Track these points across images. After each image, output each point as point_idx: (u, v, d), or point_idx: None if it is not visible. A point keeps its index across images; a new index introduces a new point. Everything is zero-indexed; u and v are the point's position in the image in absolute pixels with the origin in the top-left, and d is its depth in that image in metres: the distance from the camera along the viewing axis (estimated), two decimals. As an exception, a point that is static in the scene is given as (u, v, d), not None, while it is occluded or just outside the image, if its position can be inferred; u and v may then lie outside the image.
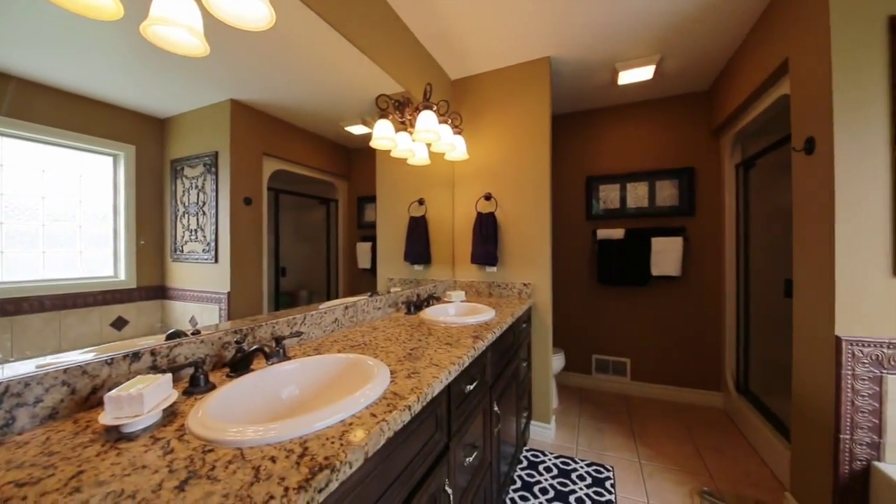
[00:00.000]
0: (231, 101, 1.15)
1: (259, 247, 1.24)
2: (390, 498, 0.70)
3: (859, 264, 1.30)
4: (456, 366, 0.97)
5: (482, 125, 2.49)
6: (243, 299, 1.12)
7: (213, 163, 1.10)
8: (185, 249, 1.01)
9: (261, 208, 1.26)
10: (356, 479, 0.60)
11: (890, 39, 1.28)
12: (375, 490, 0.65)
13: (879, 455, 1.28)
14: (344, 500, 0.57)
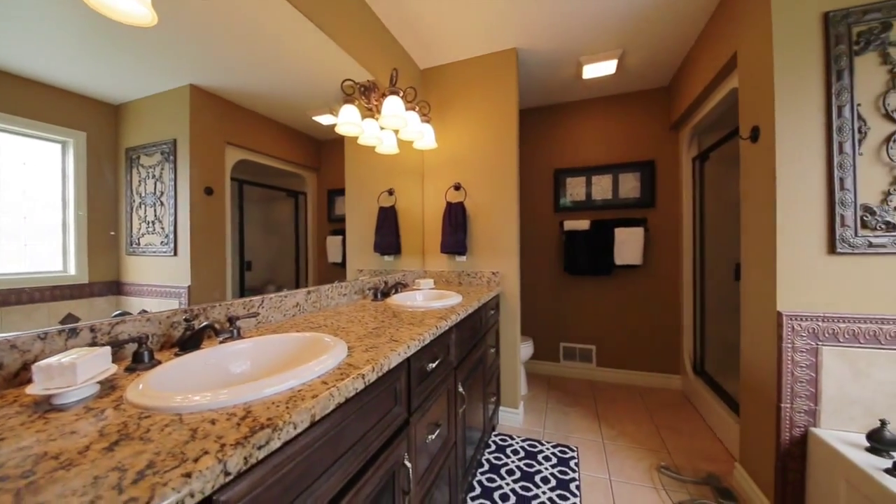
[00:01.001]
0: (191, 86, 1.10)
1: (222, 239, 1.19)
2: (344, 465, 0.69)
3: (798, 244, 1.40)
4: (416, 341, 0.97)
5: (451, 115, 2.49)
6: (205, 294, 1.07)
7: (172, 151, 1.05)
8: (141, 242, 0.97)
9: (223, 199, 1.21)
10: (305, 444, 0.58)
11: (824, 34, 1.38)
12: (327, 456, 0.64)
13: (815, 421, 1.38)
14: (291, 462, 0.55)
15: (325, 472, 0.64)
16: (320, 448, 0.62)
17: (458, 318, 1.36)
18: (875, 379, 1.32)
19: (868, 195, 1.33)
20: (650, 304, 2.98)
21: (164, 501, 0.37)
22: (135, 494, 0.36)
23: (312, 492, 0.60)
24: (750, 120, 1.63)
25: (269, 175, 1.47)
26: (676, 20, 2.10)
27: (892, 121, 1.31)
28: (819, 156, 1.38)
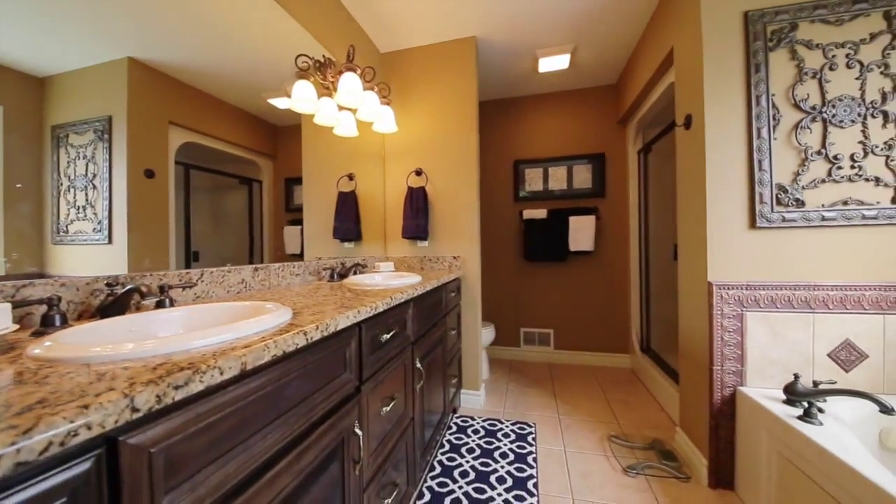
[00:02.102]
0: (129, 59, 1.02)
1: (165, 227, 1.11)
2: (286, 425, 0.66)
3: (725, 220, 1.54)
4: (368, 308, 0.96)
5: (412, 100, 2.49)
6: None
7: (106, 129, 0.97)
8: (70, 230, 0.88)
9: (166, 184, 1.13)
10: (237, 395, 0.56)
11: (744, 31, 1.52)
12: (265, 413, 0.62)
13: (742, 381, 1.52)
14: (219, 413, 0.53)
15: (263, 430, 0.61)
16: (256, 403, 0.60)
17: (415, 292, 1.35)
18: (790, 340, 1.47)
19: (782, 175, 1.48)
20: (601, 287, 3.14)
21: (52, 431, 0.33)
22: (16, 423, 0.32)
23: (247, 447, 0.58)
24: (684, 109, 1.76)
25: (220, 161, 1.39)
26: (622, 18, 2.23)
27: (799, 110, 1.47)
28: (741, 140, 1.52)
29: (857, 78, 1.42)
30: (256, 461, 0.59)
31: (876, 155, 1.41)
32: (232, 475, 0.54)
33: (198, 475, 0.49)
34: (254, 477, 0.60)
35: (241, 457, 0.56)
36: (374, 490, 1.05)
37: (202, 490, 0.49)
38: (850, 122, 1.42)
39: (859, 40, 1.42)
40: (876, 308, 1.41)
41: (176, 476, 0.46)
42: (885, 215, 1.40)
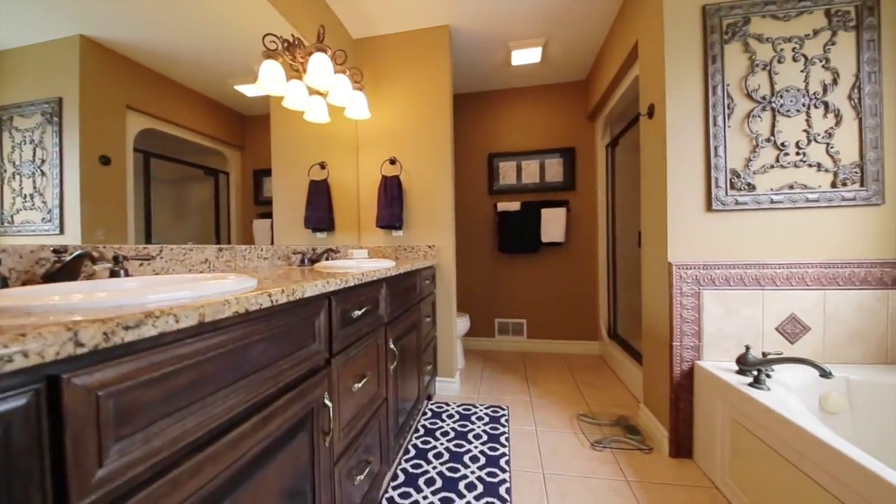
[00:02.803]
0: (81, 37, 0.96)
1: (122, 217, 1.05)
2: (251, 388, 0.65)
3: (684, 203, 1.62)
4: (337, 280, 0.95)
5: (386, 88, 2.46)
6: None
7: (56, 112, 0.91)
8: (15, 220, 0.83)
9: (123, 172, 1.07)
10: (195, 349, 0.54)
11: (702, 24, 1.61)
12: (228, 373, 0.60)
13: (699, 355, 1.61)
14: (176, 365, 0.51)
15: (225, 389, 0.59)
16: (217, 361, 0.58)
17: (388, 272, 1.35)
18: (742, 315, 1.57)
19: (735, 161, 1.57)
20: (572, 277, 3.24)
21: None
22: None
23: (208, 405, 0.56)
24: (648, 99, 1.84)
25: (184, 151, 1.33)
26: (591, 13, 2.30)
27: (751, 99, 1.57)
28: (699, 128, 1.61)
29: (801, 71, 1.53)
30: (218, 420, 0.58)
31: (818, 143, 1.52)
32: (190, 431, 0.53)
33: (152, 427, 0.47)
34: (215, 436, 0.58)
35: (201, 414, 0.54)
36: (346, 465, 1.04)
37: (157, 443, 0.48)
38: (796, 111, 1.53)
39: (804, 35, 1.53)
40: (817, 284, 1.53)
41: (127, 425, 0.44)
42: (825, 198, 1.52)
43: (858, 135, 1.50)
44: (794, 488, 1.07)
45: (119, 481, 0.43)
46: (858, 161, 1.50)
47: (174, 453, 0.51)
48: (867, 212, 1.51)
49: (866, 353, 1.51)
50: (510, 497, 1.42)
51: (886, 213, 1.50)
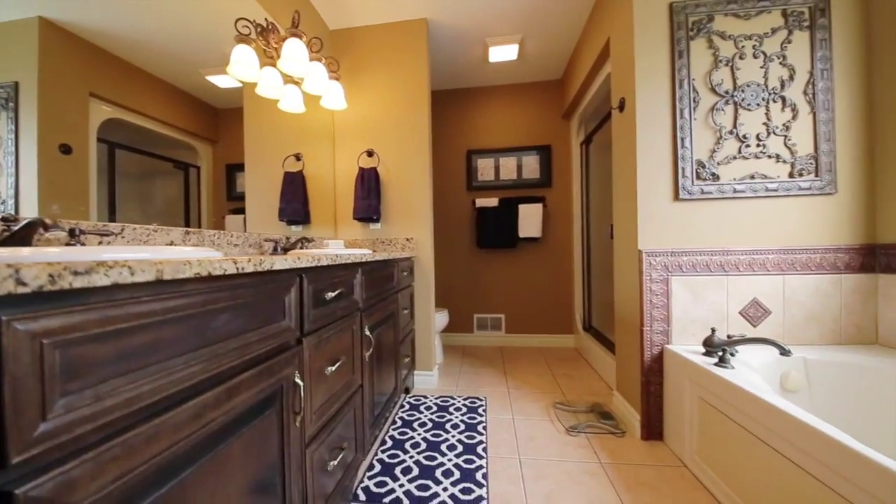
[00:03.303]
0: (40, 18, 0.91)
1: (83, 208, 1.00)
2: (214, 358, 0.63)
3: (653, 192, 1.68)
4: (309, 258, 0.94)
5: (363, 80, 2.45)
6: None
7: (12, 97, 0.86)
8: None
9: (86, 162, 1.02)
10: (153, 309, 0.52)
11: (669, 21, 1.67)
12: (189, 337, 0.58)
13: (668, 339, 1.66)
14: (132, 322, 0.49)
15: (186, 355, 0.57)
16: (177, 324, 0.56)
17: (363, 258, 1.33)
18: (708, 300, 1.64)
19: (700, 152, 1.64)
20: (548, 272, 3.29)
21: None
22: None
23: (167, 369, 0.54)
24: (619, 93, 1.90)
25: (152, 143, 1.28)
26: (565, 11, 2.35)
27: (715, 93, 1.64)
28: (666, 120, 1.67)
29: (761, 67, 1.62)
30: (177, 386, 0.55)
31: (776, 135, 1.61)
32: (147, 395, 0.50)
33: (104, 385, 0.45)
34: (175, 403, 0.56)
35: (159, 378, 0.52)
36: (319, 449, 1.02)
37: (109, 402, 0.45)
38: (756, 105, 1.61)
39: (763, 33, 1.62)
40: (777, 270, 1.61)
41: (76, 379, 0.42)
42: (783, 188, 1.60)
43: (813, 128, 1.59)
44: (756, 459, 1.12)
45: (64, 437, 0.41)
46: (813, 153, 1.60)
47: (128, 415, 0.49)
48: (821, 201, 1.60)
49: (822, 335, 1.60)
50: (486, 482, 1.42)
51: (839, 202, 1.59)
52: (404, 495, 1.36)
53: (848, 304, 1.58)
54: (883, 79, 1.54)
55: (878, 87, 1.56)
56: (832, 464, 0.86)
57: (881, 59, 1.54)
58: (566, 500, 1.31)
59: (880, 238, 1.56)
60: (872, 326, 1.58)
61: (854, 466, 0.81)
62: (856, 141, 1.58)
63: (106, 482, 0.45)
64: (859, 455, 0.80)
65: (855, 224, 1.58)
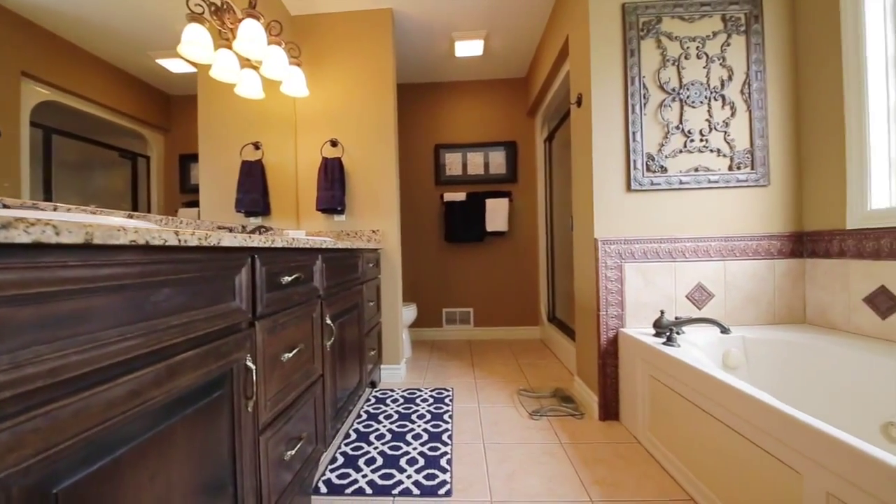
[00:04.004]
0: None
1: (15, 195, 0.91)
2: (152, 332, 0.60)
3: (608, 183, 1.76)
4: (262, 238, 0.91)
5: (326, 68, 2.40)
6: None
7: None
8: None
9: (17, 147, 0.94)
10: (83, 276, 0.49)
11: (622, 20, 1.76)
12: (124, 310, 0.55)
13: (622, 323, 1.75)
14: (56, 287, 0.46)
15: (121, 328, 0.54)
16: (111, 295, 0.53)
17: (324, 244, 1.31)
18: (658, 285, 1.74)
19: (651, 146, 1.74)
20: (514, 265, 3.37)
21: None
22: None
23: (98, 341, 0.51)
24: (577, 89, 1.98)
25: (96, 130, 1.20)
26: (528, 8, 2.42)
27: (663, 91, 1.74)
28: (619, 115, 1.76)
29: (704, 67, 1.74)
30: (110, 360, 0.52)
31: (717, 131, 1.74)
32: (75, 365, 0.48)
33: (23, 351, 0.42)
34: (108, 378, 0.53)
35: (89, 348, 0.49)
36: (274, 437, 1.00)
37: (31, 370, 0.42)
38: (700, 102, 1.73)
39: (705, 36, 1.74)
40: (719, 256, 1.73)
41: (-13, 343, 0.39)
42: (724, 180, 1.73)
43: (749, 125, 1.73)
44: (701, 430, 1.20)
45: (-27, 404, 0.38)
46: (749, 148, 1.73)
47: (53, 386, 0.46)
48: (757, 192, 1.74)
49: (758, 315, 1.74)
50: (451, 467, 1.44)
51: (771, 193, 1.74)
52: (367, 485, 1.35)
53: (780, 286, 1.73)
54: (807, 82, 1.69)
55: (803, 90, 1.72)
56: (767, 428, 0.94)
57: (806, 64, 1.70)
58: (527, 479, 1.35)
59: (806, 226, 1.72)
60: (801, 307, 1.73)
61: (786, 428, 0.89)
62: (785, 138, 1.74)
63: (26, 454, 0.42)
64: (790, 417, 0.87)
65: (785, 213, 1.73)
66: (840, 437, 0.75)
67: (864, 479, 0.69)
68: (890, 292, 1.36)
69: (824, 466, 0.77)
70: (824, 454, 0.77)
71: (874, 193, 1.42)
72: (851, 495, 0.72)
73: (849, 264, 1.50)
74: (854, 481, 0.71)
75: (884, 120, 1.41)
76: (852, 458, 0.72)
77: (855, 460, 0.71)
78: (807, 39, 1.69)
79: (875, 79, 1.42)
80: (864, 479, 0.69)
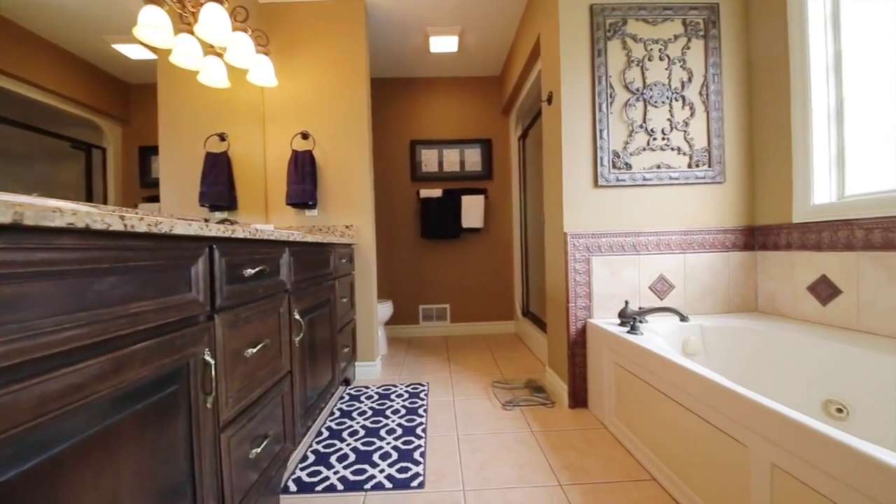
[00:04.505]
0: None
1: None
2: (96, 322, 0.56)
3: (577, 179, 1.81)
4: (222, 228, 0.88)
5: (297, 59, 2.34)
6: None
7: None
8: None
9: None
10: (12, 260, 0.46)
11: (590, 21, 1.81)
12: (62, 298, 0.52)
13: (590, 314, 1.80)
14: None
15: (60, 317, 0.51)
16: (47, 280, 0.50)
17: (291, 236, 1.28)
18: (623, 277, 1.80)
19: (616, 143, 1.80)
20: (490, 261, 3.41)
21: None
22: None
23: (30, 329, 0.47)
24: (548, 87, 2.02)
25: (47, 120, 1.11)
26: (501, 5, 2.44)
27: (628, 90, 1.81)
28: (587, 113, 1.81)
29: (666, 69, 1.81)
30: (45, 350, 0.49)
31: (678, 130, 1.82)
32: (3, 356, 0.44)
33: (-63, 340, 0.39)
34: (45, 370, 0.50)
35: (21, 337, 0.46)
36: (238, 434, 0.96)
37: (-54, 360, 0.39)
38: (662, 102, 1.81)
39: (667, 39, 1.81)
40: (679, 249, 1.82)
41: None
42: (683, 177, 1.81)
43: (706, 125, 1.82)
44: (662, 413, 1.25)
45: None
46: (707, 146, 1.82)
47: (-24, 377, 0.42)
48: (713, 188, 1.83)
49: (715, 305, 1.83)
50: (424, 459, 1.44)
51: (727, 190, 1.84)
52: (339, 481, 1.33)
53: (734, 277, 1.83)
54: (759, 85, 1.80)
55: (756, 92, 1.82)
56: (719, 406, 0.99)
57: (758, 68, 1.80)
58: (499, 467, 1.37)
59: (758, 221, 1.83)
60: (753, 296, 1.84)
61: (734, 405, 0.94)
62: (739, 137, 1.84)
63: (-57, 452, 0.39)
64: (737, 395, 0.93)
65: (739, 209, 1.84)
66: (782, 411, 0.80)
67: (804, 449, 0.74)
68: (830, 281, 1.47)
69: (768, 439, 0.83)
70: (768, 428, 0.82)
71: (817, 189, 1.53)
72: (792, 465, 0.77)
73: (794, 256, 1.61)
74: (795, 452, 0.76)
75: (825, 121, 1.52)
76: (793, 431, 0.77)
77: (796, 433, 0.76)
78: (759, 46, 1.79)
79: (817, 83, 1.53)
80: (803, 449, 0.75)
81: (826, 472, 0.70)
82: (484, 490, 1.25)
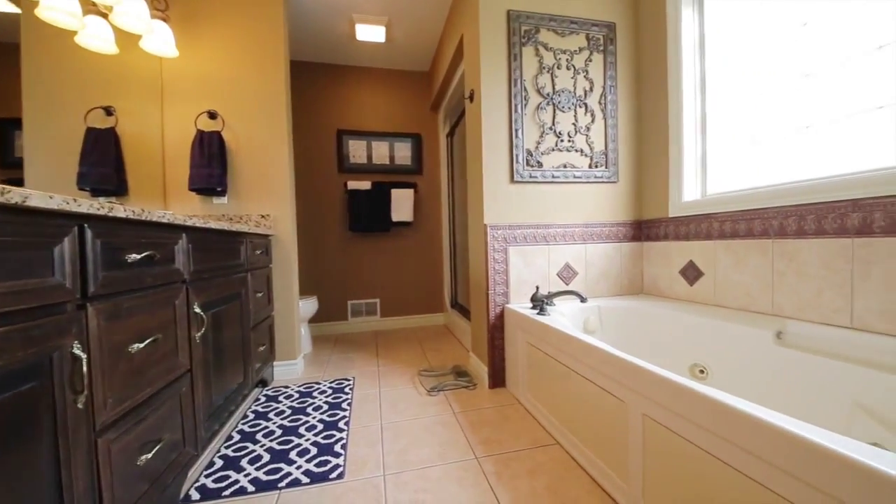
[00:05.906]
0: None
1: None
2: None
3: (495, 174, 1.92)
4: (96, 205, 0.77)
5: (204, 29, 2.11)
6: None
7: None
8: None
9: None
10: None
11: (508, 26, 1.92)
12: None
13: (508, 300, 1.93)
14: None
15: None
16: None
17: (187, 221, 1.16)
18: (535, 265, 1.96)
19: (529, 143, 1.95)
20: (420, 255, 3.45)
21: None
22: None
23: None
24: (470, 85, 2.10)
25: None
26: (427, 2, 2.47)
27: (540, 95, 1.96)
28: (505, 113, 1.92)
29: (572, 77, 2.00)
30: None
31: (581, 134, 2.02)
32: None
33: None
34: None
35: None
36: (121, 439, 0.86)
37: None
38: (568, 108, 1.99)
39: (573, 50, 2.00)
40: (581, 240, 2.03)
41: None
42: (585, 176, 2.02)
43: (604, 130, 2.05)
44: (563, 383, 1.39)
45: None
46: (604, 150, 2.06)
47: None
48: (609, 187, 2.08)
49: (610, 288, 2.08)
50: (345, 451, 1.42)
51: (619, 189, 2.10)
52: (250, 483, 1.26)
53: (625, 265, 2.10)
54: (646, 96, 2.08)
55: (643, 103, 2.10)
56: (604, 370, 1.13)
57: (644, 82, 2.08)
58: (420, 450, 1.40)
59: (644, 215, 2.12)
60: (640, 280, 2.13)
61: (615, 367, 1.08)
62: (630, 143, 2.11)
63: None
64: (617, 358, 1.07)
65: (629, 205, 2.11)
66: (650, 369, 0.95)
67: (665, 398, 0.89)
68: (695, 265, 1.76)
69: (640, 393, 0.98)
70: (641, 385, 0.97)
71: (686, 188, 1.82)
72: (658, 413, 0.92)
73: (670, 245, 1.90)
74: (660, 402, 0.91)
75: (693, 129, 1.82)
76: (658, 385, 0.92)
77: (659, 386, 0.91)
78: (646, 62, 2.07)
79: (688, 96, 1.81)
80: (664, 398, 0.90)
81: (683, 416, 0.85)
82: (403, 472, 1.27)
